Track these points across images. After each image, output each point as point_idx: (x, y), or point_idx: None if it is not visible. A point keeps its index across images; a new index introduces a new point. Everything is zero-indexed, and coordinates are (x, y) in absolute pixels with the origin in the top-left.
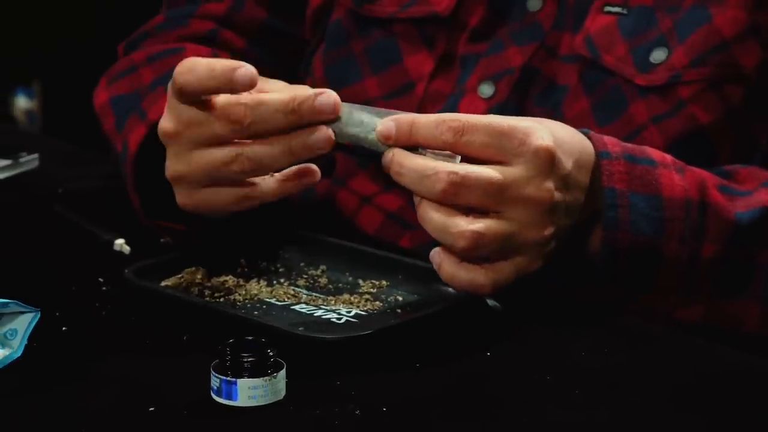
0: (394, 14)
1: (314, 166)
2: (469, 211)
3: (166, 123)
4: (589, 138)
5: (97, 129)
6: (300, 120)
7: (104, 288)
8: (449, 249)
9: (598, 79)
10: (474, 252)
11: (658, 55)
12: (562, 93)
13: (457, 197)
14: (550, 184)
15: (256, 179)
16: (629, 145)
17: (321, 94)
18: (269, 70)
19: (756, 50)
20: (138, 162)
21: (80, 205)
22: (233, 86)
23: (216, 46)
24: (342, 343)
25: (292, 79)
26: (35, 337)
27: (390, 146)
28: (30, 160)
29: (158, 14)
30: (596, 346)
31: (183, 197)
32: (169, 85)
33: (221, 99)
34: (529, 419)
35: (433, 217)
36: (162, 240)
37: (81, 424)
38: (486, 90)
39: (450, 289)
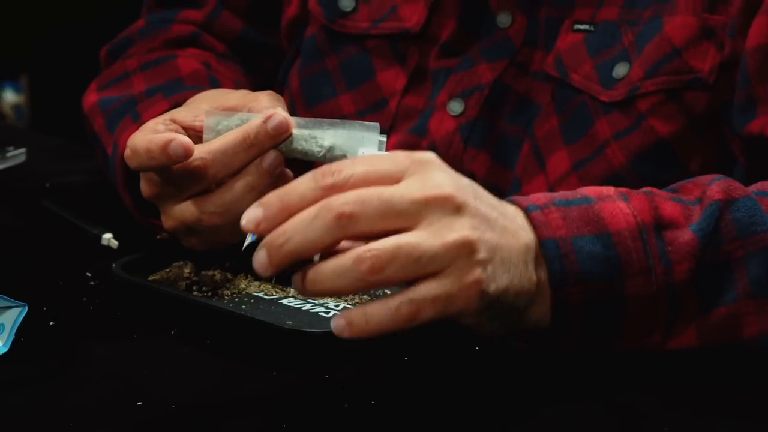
0: (367, 30)
1: (288, 172)
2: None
3: (143, 187)
4: (512, 202)
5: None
6: (261, 150)
7: (92, 282)
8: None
9: (568, 97)
10: (380, 273)
11: (620, 70)
12: (536, 111)
13: (352, 222)
14: (444, 180)
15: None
16: (556, 193)
17: (270, 117)
18: (251, 79)
19: (711, 52)
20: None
21: (68, 199)
22: (173, 161)
23: (199, 47)
24: (329, 337)
25: (269, 87)
26: (23, 331)
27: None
28: (17, 155)
29: (139, 18)
30: None
31: (185, 242)
32: None
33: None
34: (518, 413)
35: (326, 267)
36: (158, 236)
37: (69, 418)
38: (455, 107)
39: None
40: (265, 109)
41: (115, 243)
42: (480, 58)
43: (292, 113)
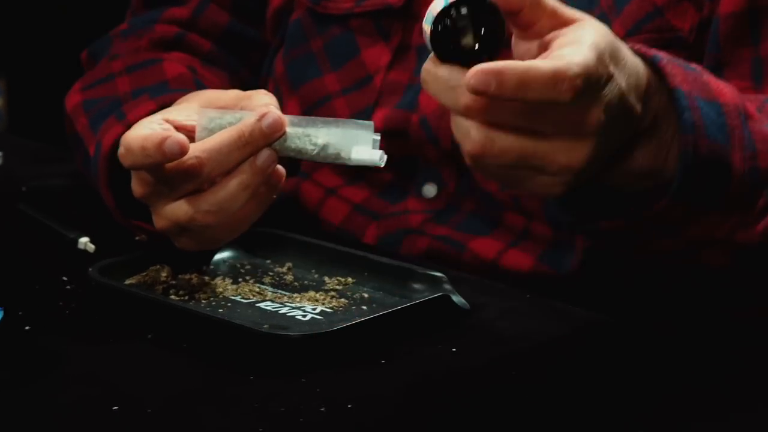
0: (351, 10)
1: (280, 168)
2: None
3: (135, 186)
4: (636, 52)
5: (63, 127)
6: (255, 149)
7: (68, 287)
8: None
9: None
10: (480, 159)
11: None
12: None
13: (484, 113)
14: (598, 109)
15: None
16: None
17: (264, 116)
18: (237, 85)
19: (690, 12)
20: (111, 161)
21: (45, 203)
22: (168, 158)
23: (183, 50)
24: (307, 340)
25: (256, 79)
26: None
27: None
28: None
29: (120, 20)
30: (561, 342)
31: (177, 243)
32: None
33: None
34: (494, 414)
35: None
36: (137, 238)
37: (45, 423)
38: None
39: (416, 285)
40: (258, 107)
41: (91, 247)
42: None
43: (278, 98)
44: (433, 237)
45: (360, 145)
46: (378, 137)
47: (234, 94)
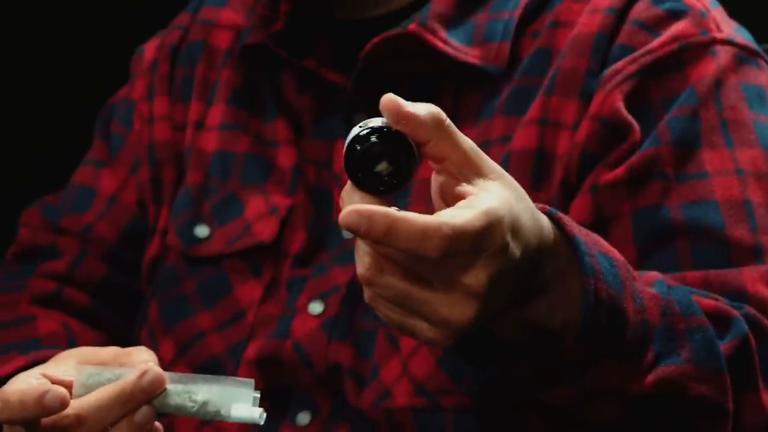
0: (223, 251)
1: (158, 425)
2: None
3: None
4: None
5: None
6: (135, 406)
7: None
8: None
9: None
10: (367, 285)
11: None
12: None
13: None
14: (483, 274)
15: None
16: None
17: (145, 373)
18: (116, 328)
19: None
20: None
21: None
22: (47, 413)
23: (60, 307)
24: None
25: (131, 330)
26: None
27: None
28: None
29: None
30: None
31: None
32: None
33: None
34: None
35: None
36: None
37: None
38: (316, 308)
39: None
40: (138, 364)
41: None
42: (333, 264)
43: (153, 342)
44: None
45: (240, 402)
46: (258, 395)
47: (112, 350)
